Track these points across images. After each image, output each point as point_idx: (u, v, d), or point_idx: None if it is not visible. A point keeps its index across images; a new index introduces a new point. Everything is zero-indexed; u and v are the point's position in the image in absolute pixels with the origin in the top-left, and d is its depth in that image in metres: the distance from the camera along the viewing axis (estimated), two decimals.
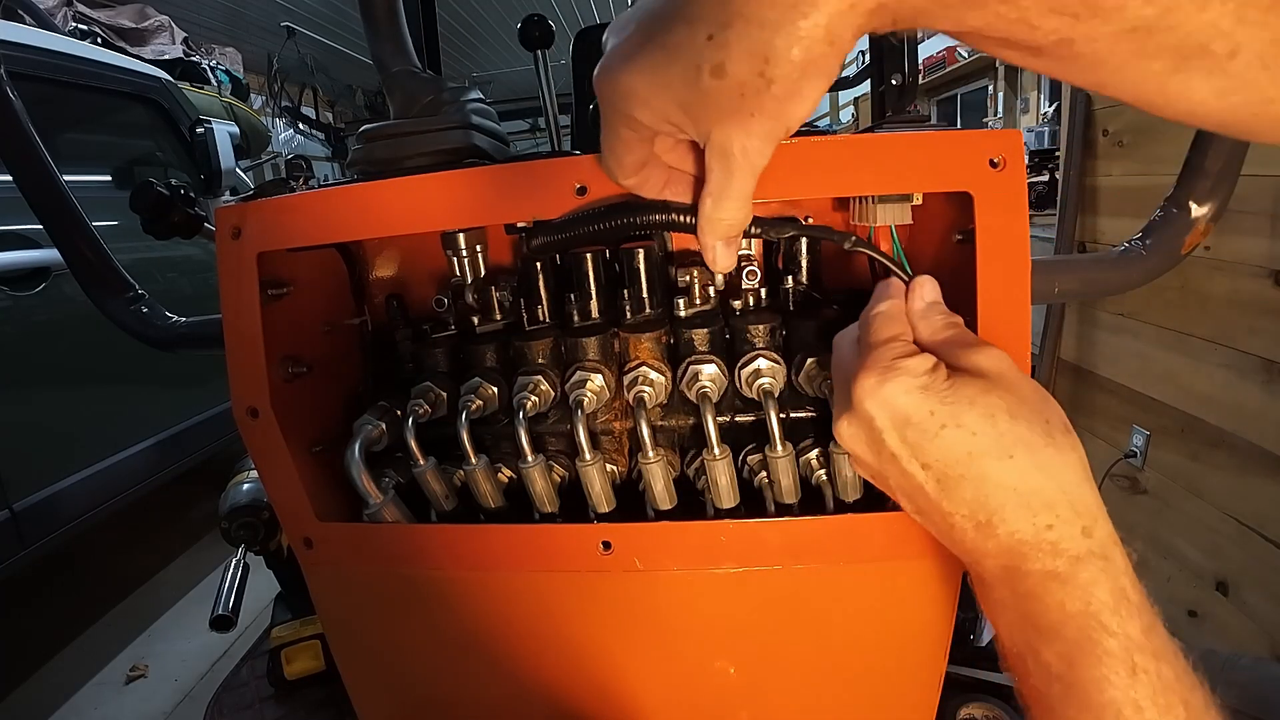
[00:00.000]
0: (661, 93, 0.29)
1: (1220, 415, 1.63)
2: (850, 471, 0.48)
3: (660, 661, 0.54)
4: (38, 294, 1.74)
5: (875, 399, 0.35)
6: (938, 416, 0.34)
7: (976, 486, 0.33)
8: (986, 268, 0.42)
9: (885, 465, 0.36)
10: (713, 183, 0.32)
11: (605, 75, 0.30)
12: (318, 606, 0.59)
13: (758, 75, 0.26)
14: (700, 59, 0.27)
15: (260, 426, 0.51)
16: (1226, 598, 1.63)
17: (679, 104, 0.29)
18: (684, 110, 0.29)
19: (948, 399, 0.34)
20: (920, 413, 0.34)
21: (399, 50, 0.59)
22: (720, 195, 0.33)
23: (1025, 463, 0.33)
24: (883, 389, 0.35)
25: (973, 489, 0.33)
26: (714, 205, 0.33)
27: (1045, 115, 4.03)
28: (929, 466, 0.34)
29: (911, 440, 0.34)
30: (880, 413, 0.35)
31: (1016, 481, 0.33)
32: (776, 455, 0.48)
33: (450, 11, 5.71)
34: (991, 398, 0.34)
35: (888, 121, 0.53)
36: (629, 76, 0.29)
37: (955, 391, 0.34)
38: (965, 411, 0.33)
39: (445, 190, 0.46)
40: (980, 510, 0.34)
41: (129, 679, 1.91)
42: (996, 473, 0.33)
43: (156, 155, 2.39)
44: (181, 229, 0.65)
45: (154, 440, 2.07)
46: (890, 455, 0.35)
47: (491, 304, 0.56)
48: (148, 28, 3.67)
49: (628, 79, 0.29)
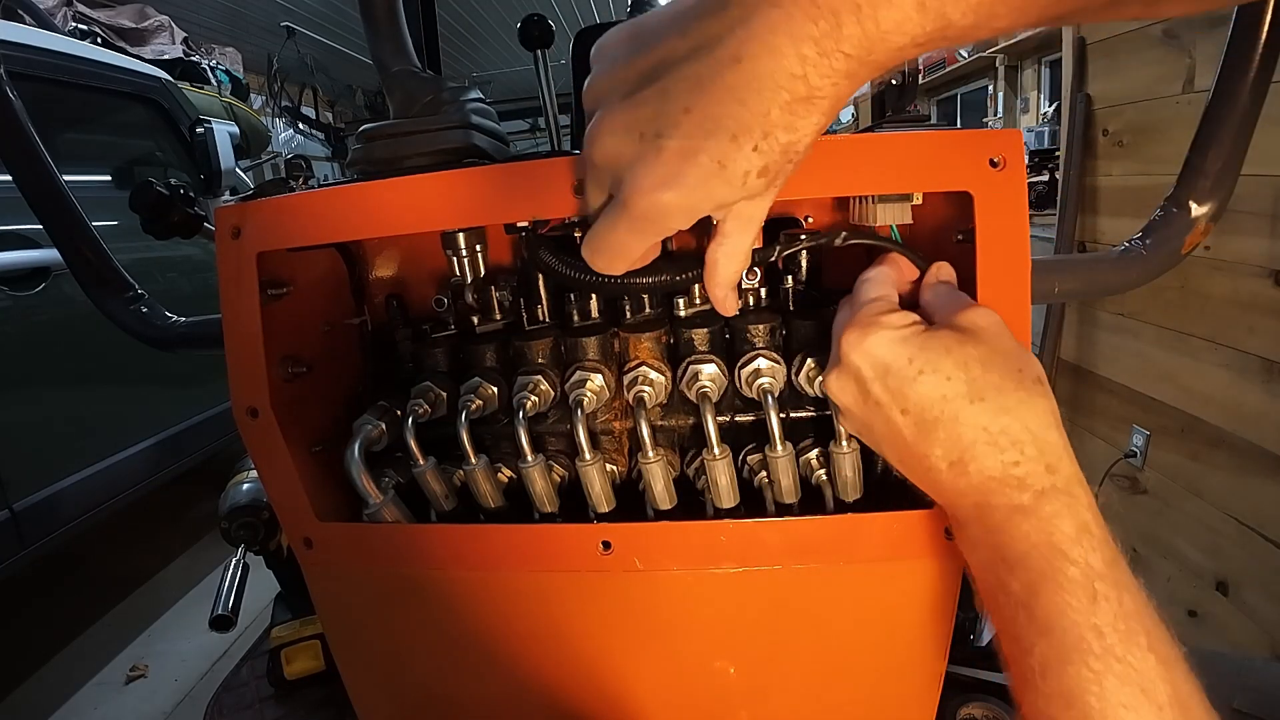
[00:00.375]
0: (705, 201, 0.30)
1: (1220, 415, 1.63)
2: (850, 471, 0.48)
3: (660, 661, 0.54)
4: (38, 294, 1.74)
5: (859, 350, 0.39)
6: (915, 364, 0.37)
7: (950, 428, 0.36)
8: (986, 267, 0.42)
9: (870, 414, 0.39)
10: (729, 244, 0.36)
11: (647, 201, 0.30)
12: (317, 606, 0.59)
13: (789, 163, 0.29)
14: (749, 166, 0.29)
15: (260, 426, 0.51)
16: (1226, 597, 1.63)
17: (719, 204, 0.31)
18: (721, 206, 0.31)
19: (925, 348, 0.37)
20: (899, 361, 0.37)
21: (399, 50, 0.59)
22: (735, 251, 0.36)
23: (995, 405, 0.36)
24: (865, 341, 0.38)
25: (946, 430, 0.36)
26: (728, 261, 0.36)
27: (1045, 115, 4.02)
28: (908, 411, 0.37)
29: (893, 387, 0.37)
30: (864, 363, 0.38)
31: (986, 422, 0.35)
32: (776, 455, 0.48)
33: (450, 11, 5.71)
34: (967, 348, 0.37)
35: (888, 121, 0.53)
36: (675, 198, 0.30)
37: (932, 341, 0.37)
38: (941, 359, 0.37)
39: (445, 190, 0.46)
40: (953, 450, 0.36)
41: (129, 679, 1.91)
42: (968, 414, 0.36)
43: (156, 155, 2.39)
44: (181, 229, 0.65)
45: (154, 440, 2.07)
46: (875, 403, 0.38)
47: (491, 304, 0.56)
48: (147, 28, 3.67)
49: (674, 200, 0.30)
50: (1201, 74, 1.60)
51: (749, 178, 0.29)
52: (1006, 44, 4.18)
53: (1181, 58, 1.65)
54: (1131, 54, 1.84)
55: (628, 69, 0.30)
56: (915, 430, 0.37)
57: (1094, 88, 2.01)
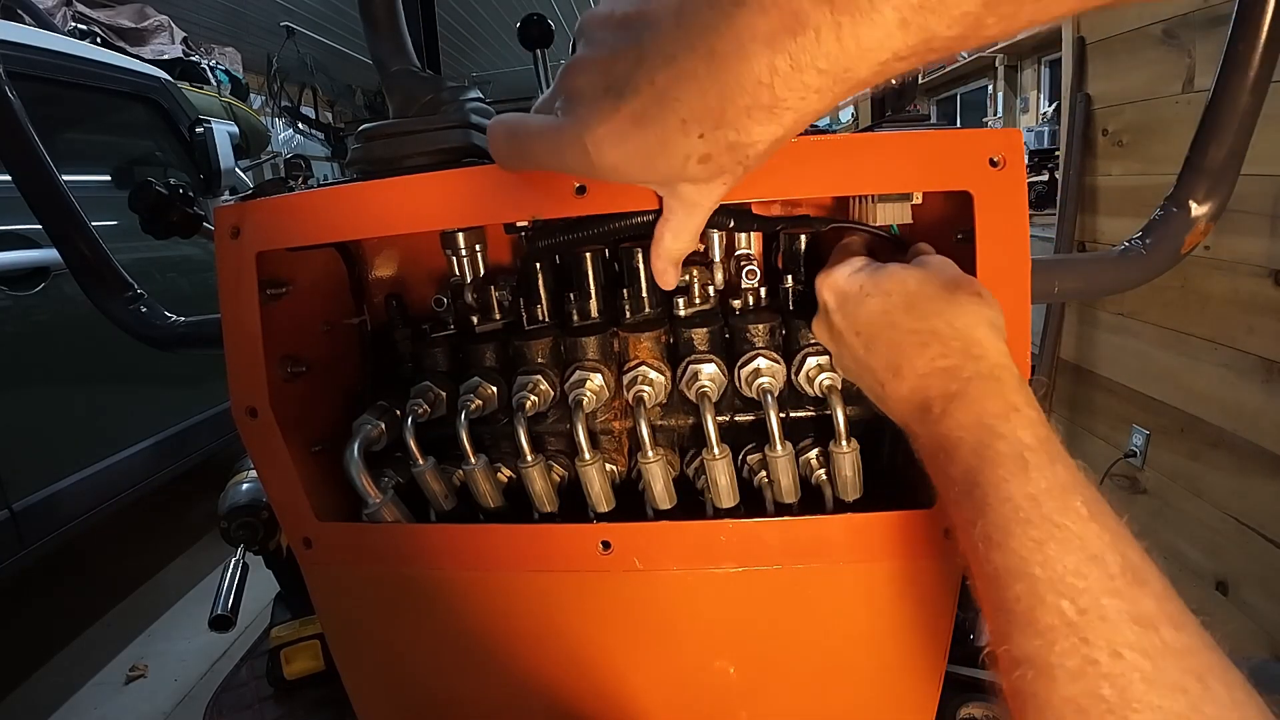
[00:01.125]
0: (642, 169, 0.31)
1: (1220, 415, 1.63)
2: (850, 471, 0.48)
3: (660, 661, 0.54)
4: (38, 294, 1.74)
5: (825, 286, 0.44)
6: (865, 289, 0.41)
7: (889, 337, 0.40)
8: (986, 267, 0.42)
9: (837, 345, 0.44)
10: (674, 222, 0.38)
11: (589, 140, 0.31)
12: (317, 606, 0.59)
13: (736, 162, 0.30)
14: (690, 150, 0.30)
15: (259, 426, 0.51)
16: (1226, 597, 1.63)
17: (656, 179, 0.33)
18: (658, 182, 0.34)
19: (874, 276, 0.42)
20: (852, 287, 0.42)
21: (398, 50, 0.59)
22: (680, 230, 0.38)
23: (922, 310, 0.39)
24: (829, 278, 0.44)
25: (884, 341, 0.40)
26: (674, 239, 0.38)
27: (1045, 115, 4.02)
28: (860, 333, 0.41)
29: (849, 311, 0.42)
30: (829, 296, 0.44)
31: (915, 325, 0.39)
32: (776, 455, 0.48)
33: (450, 11, 5.71)
34: (909, 271, 0.41)
35: (887, 121, 0.53)
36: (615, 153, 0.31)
37: (881, 271, 0.42)
38: (884, 280, 0.41)
39: (444, 189, 0.46)
40: (892, 357, 0.39)
41: (129, 679, 1.91)
42: (900, 321, 0.39)
43: (156, 155, 2.39)
44: (180, 228, 0.65)
45: (154, 440, 2.07)
46: (838, 331, 0.43)
47: (491, 303, 0.56)
48: (147, 27, 3.67)
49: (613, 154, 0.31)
50: (1201, 74, 1.60)
51: (688, 162, 0.30)
52: (1006, 44, 4.18)
53: (1181, 57, 1.65)
54: (1131, 54, 1.84)
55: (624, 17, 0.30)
56: (865, 348, 0.41)
57: (1094, 87, 2.01)
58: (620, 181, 0.33)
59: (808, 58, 0.25)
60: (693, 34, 0.27)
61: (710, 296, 0.55)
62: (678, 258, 0.40)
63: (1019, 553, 0.31)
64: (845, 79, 0.26)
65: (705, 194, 0.34)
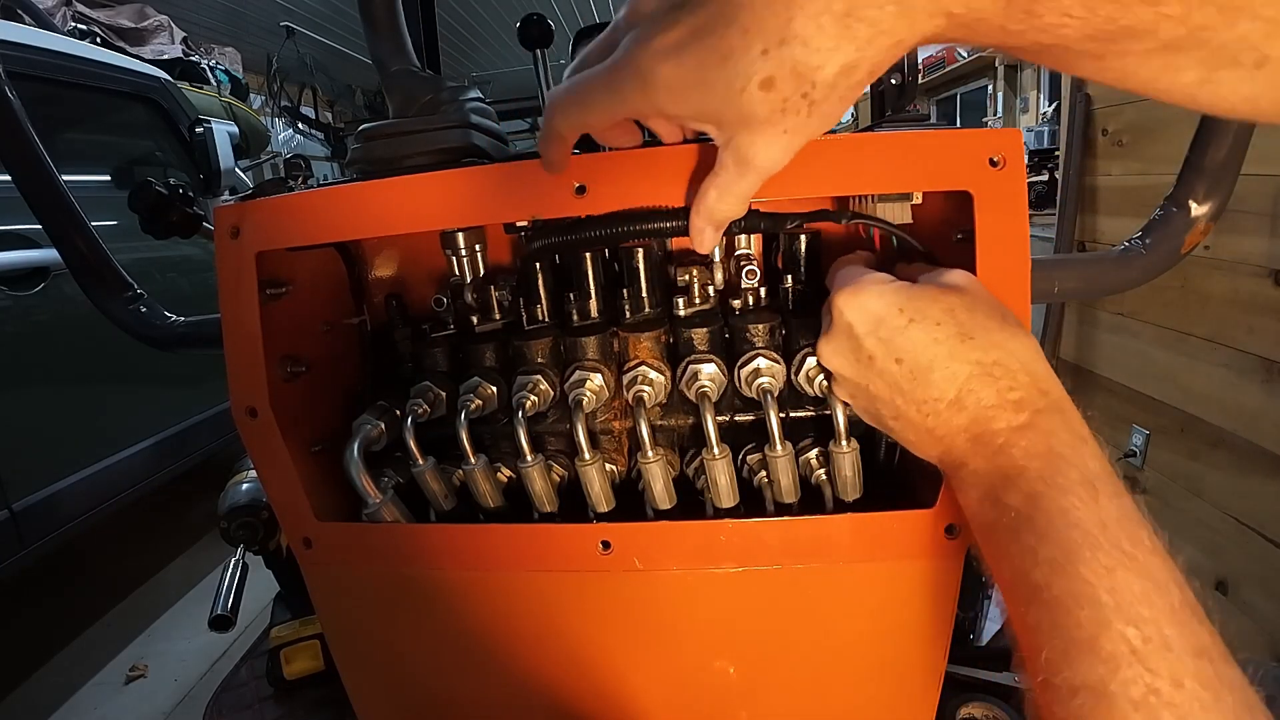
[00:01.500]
0: (700, 92, 0.29)
1: (1220, 415, 1.63)
2: (850, 471, 0.48)
3: (660, 661, 0.54)
4: (37, 294, 1.74)
5: (851, 307, 0.40)
6: (905, 313, 0.38)
7: (945, 367, 0.37)
8: (986, 267, 0.42)
9: (865, 371, 0.40)
10: (723, 179, 0.35)
11: (645, 60, 0.29)
12: (317, 606, 0.59)
13: (801, 96, 0.28)
14: (752, 69, 0.27)
15: (259, 426, 0.51)
16: (1226, 597, 1.63)
17: (714, 105, 0.30)
18: (716, 111, 0.30)
19: (913, 298, 0.38)
20: (890, 311, 0.39)
21: (398, 50, 0.59)
22: (726, 190, 0.35)
23: (984, 341, 0.37)
24: (857, 298, 0.40)
25: (941, 371, 0.37)
26: (718, 198, 0.36)
27: (1045, 115, 4.03)
28: (902, 360, 0.38)
29: (885, 337, 0.39)
30: (857, 318, 0.40)
31: (979, 356, 0.37)
32: (776, 455, 0.48)
33: (449, 11, 5.71)
34: (951, 296, 0.38)
35: (887, 120, 0.53)
36: (671, 70, 0.29)
37: (919, 291, 0.39)
38: (928, 307, 0.38)
39: (444, 189, 0.46)
40: (950, 388, 0.37)
41: (129, 679, 1.91)
42: (961, 352, 0.37)
43: (156, 155, 2.39)
44: (180, 228, 0.65)
45: (154, 440, 2.07)
46: (868, 357, 0.39)
47: (491, 303, 0.56)
48: (147, 27, 3.67)
49: (670, 72, 0.29)
50: None
51: (749, 85, 0.28)
52: None
53: None
54: None
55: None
56: (910, 378, 0.38)
57: (1094, 87, 2.01)
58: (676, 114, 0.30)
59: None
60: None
61: (710, 296, 0.55)
62: (720, 221, 0.38)
63: (1087, 578, 0.30)
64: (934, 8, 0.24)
65: (762, 147, 0.31)
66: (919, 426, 0.39)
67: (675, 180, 0.43)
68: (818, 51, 0.26)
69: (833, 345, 0.42)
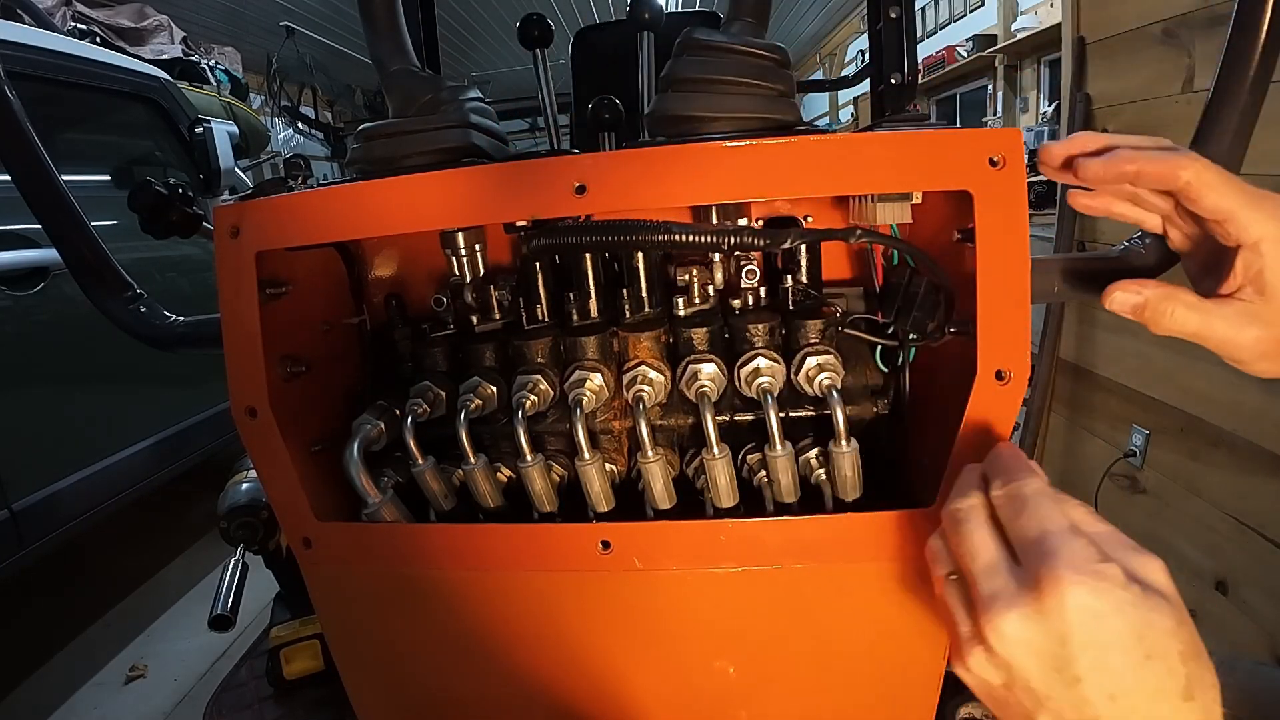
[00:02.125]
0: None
1: (1219, 414, 1.63)
2: (849, 471, 0.48)
3: (660, 661, 0.54)
4: (37, 294, 1.74)
5: (1081, 607, 0.29)
6: (1145, 643, 0.29)
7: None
8: (986, 267, 0.42)
9: (1052, 687, 0.30)
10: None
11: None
12: (316, 606, 0.59)
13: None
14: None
15: (259, 426, 0.51)
16: (1226, 597, 1.63)
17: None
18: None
19: (1151, 624, 0.29)
20: (1129, 637, 0.29)
21: (398, 49, 0.59)
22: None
23: (1201, 706, 0.29)
24: (1094, 599, 0.29)
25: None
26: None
27: (1045, 114, 4.03)
28: (1116, 699, 0.29)
29: (1114, 668, 0.29)
30: (1084, 625, 0.29)
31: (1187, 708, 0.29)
32: (775, 454, 0.48)
33: (449, 10, 5.71)
34: (1185, 630, 0.30)
35: (887, 120, 0.53)
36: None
37: (1157, 615, 0.29)
38: (1167, 642, 0.29)
39: (444, 189, 0.46)
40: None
41: (128, 679, 1.91)
42: (1182, 714, 0.29)
43: (155, 155, 2.39)
44: (180, 228, 0.65)
45: (154, 440, 2.07)
46: (1074, 678, 0.29)
47: (490, 303, 0.56)
48: (146, 27, 3.67)
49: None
50: (1201, 74, 1.60)
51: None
52: (1006, 44, 4.18)
53: (1181, 57, 1.64)
54: (1131, 54, 1.84)
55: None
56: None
57: (1093, 87, 2.01)
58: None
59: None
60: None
61: (710, 296, 0.55)
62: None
63: None
64: None
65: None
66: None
67: (675, 181, 0.43)
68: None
69: (1027, 633, 0.30)
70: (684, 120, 0.47)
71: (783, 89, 0.47)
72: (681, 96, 0.47)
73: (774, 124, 0.47)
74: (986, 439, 0.43)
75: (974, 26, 4.83)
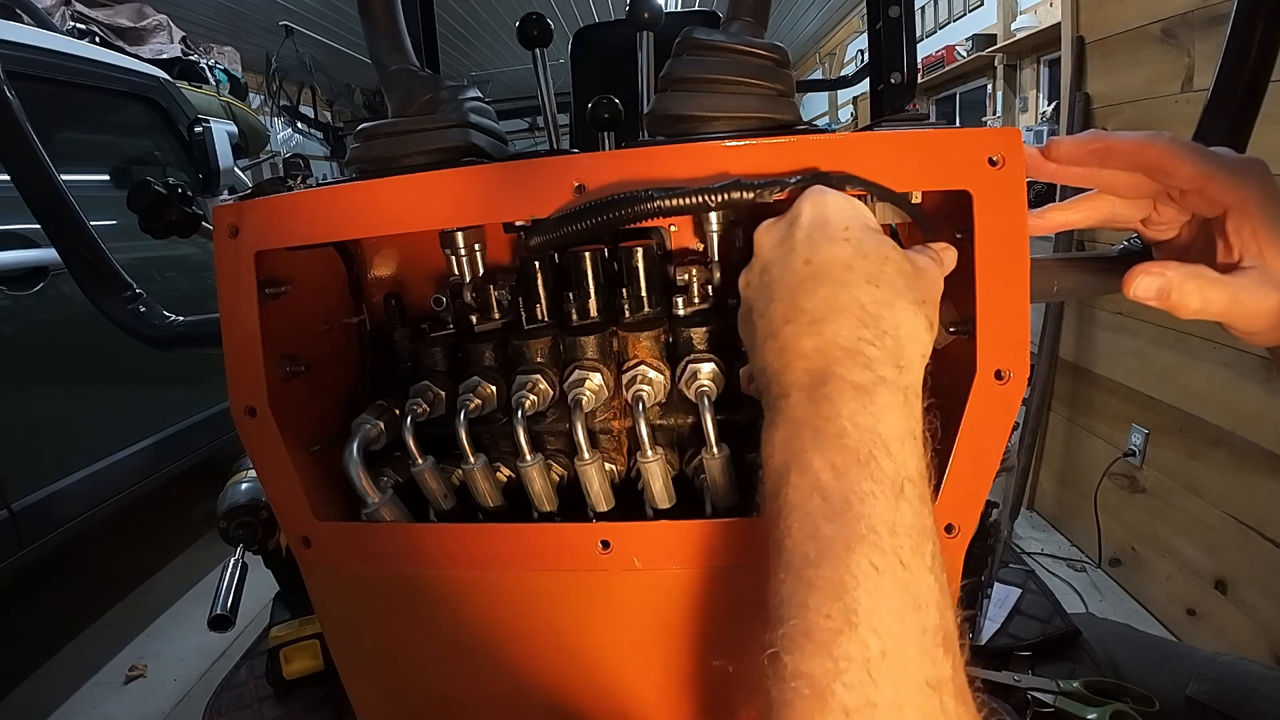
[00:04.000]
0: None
1: (1219, 414, 1.63)
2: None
3: (660, 661, 0.54)
4: (36, 294, 1.74)
5: (816, 198, 0.39)
6: (852, 231, 0.37)
7: (834, 291, 0.36)
8: (986, 266, 0.42)
9: (775, 255, 0.39)
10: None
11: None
12: (316, 606, 0.59)
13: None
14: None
15: (258, 426, 0.51)
16: (1225, 596, 1.64)
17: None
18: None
19: (869, 230, 0.38)
20: (840, 218, 0.38)
21: (397, 49, 0.59)
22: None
23: (882, 295, 0.36)
24: (825, 194, 0.39)
25: (830, 291, 0.36)
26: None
27: (1044, 114, 4.02)
28: (810, 263, 0.37)
29: (816, 237, 0.38)
30: (813, 208, 0.39)
31: (866, 301, 0.35)
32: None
33: (449, 10, 5.71)
34: (897, 253, 0.38)
35: (887, 120, 0.53)
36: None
37: (876, 234, 0.38)
38: (867, 239, 0.37)
39: (443, 189, 0.46)
40: (823, 308, 0.36)
41: (128, 679, 1.91)
42: (858, 288, 0.36)
43: (155, 154, 2.39)
44: (179, 228, 0.65)
45: (154, 440, 2.07)
46: (789, 247, 0.38)
47: (490, 303, 0.56)
48: (146, 27, 3.66)
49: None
50: (1200, 73, 1.60)
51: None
52: (1005, 43, 4.18)
53: (1180, 57, 1.65)
54: (1130, 53, 1.84)
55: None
56: (802, 280, 0.37)
57: (1093, 87, 2.01)
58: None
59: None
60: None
61: (709, 295, 0.55)
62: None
63: (854, 573, 0.29)
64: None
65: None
66: (776, 333, 0.37)
67: (675, 180, 0.43)
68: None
69: (774, 225, 0.40)
70: (683, 120, 0.47)
71: (782, 88, 0.47)
72: (681, 96, 0.47)
73: (773, 123, 0.47)
74: (986, 439, 0.43)
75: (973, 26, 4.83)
